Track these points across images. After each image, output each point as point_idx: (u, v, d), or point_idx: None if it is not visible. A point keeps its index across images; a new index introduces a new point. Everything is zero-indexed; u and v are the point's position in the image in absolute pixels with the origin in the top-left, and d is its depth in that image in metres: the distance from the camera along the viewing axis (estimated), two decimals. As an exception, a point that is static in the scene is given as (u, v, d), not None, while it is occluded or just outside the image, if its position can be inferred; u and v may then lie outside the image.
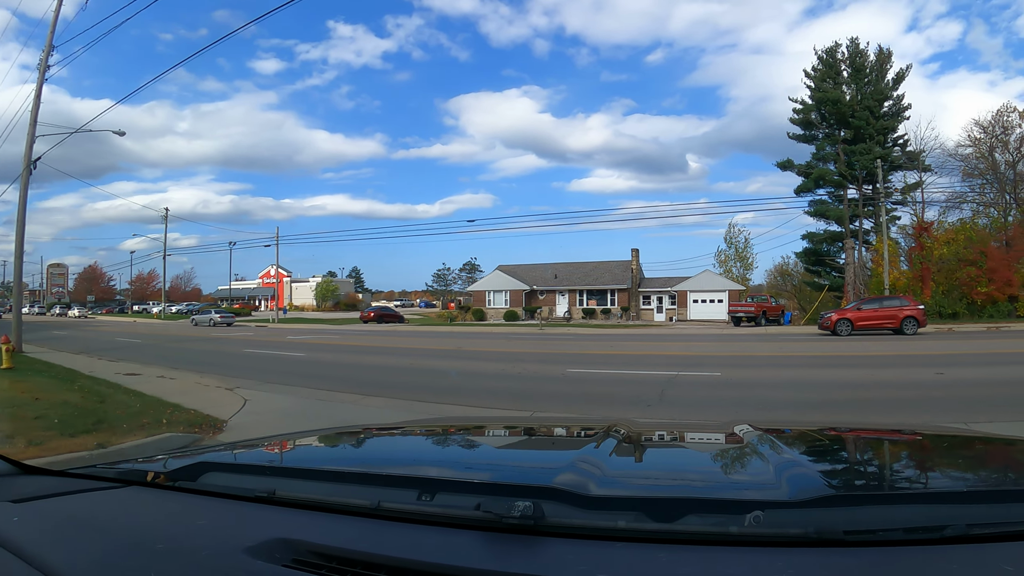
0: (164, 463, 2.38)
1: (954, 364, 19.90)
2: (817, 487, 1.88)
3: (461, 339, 38.23)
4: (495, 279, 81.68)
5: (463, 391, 15.94)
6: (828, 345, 29.73)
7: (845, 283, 60.51)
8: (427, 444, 3.30)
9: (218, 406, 12.58)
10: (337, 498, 1.87)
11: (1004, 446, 3.03)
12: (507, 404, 13.58)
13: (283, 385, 16.46)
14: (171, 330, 53.22)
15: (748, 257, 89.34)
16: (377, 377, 19.26)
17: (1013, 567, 1.39)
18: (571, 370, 20.11)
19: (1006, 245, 53.52)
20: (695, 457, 2.92)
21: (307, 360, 25.29)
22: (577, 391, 15.70)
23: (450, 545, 1.57)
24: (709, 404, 13.68)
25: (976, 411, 11.35)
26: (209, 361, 24.26)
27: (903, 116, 66.79)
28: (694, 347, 30.74)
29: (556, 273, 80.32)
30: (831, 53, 68.74)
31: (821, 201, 69.35)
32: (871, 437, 3.36)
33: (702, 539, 1.55)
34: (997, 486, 2.17)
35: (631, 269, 76.41)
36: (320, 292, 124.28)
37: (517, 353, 27.27)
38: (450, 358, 25.52)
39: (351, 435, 3.34)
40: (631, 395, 14.73)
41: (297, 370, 21.19)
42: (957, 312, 50.67)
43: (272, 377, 18.19)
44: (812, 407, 13.06)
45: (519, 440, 3.45)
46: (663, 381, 16.60)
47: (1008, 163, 60.20)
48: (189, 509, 1.98)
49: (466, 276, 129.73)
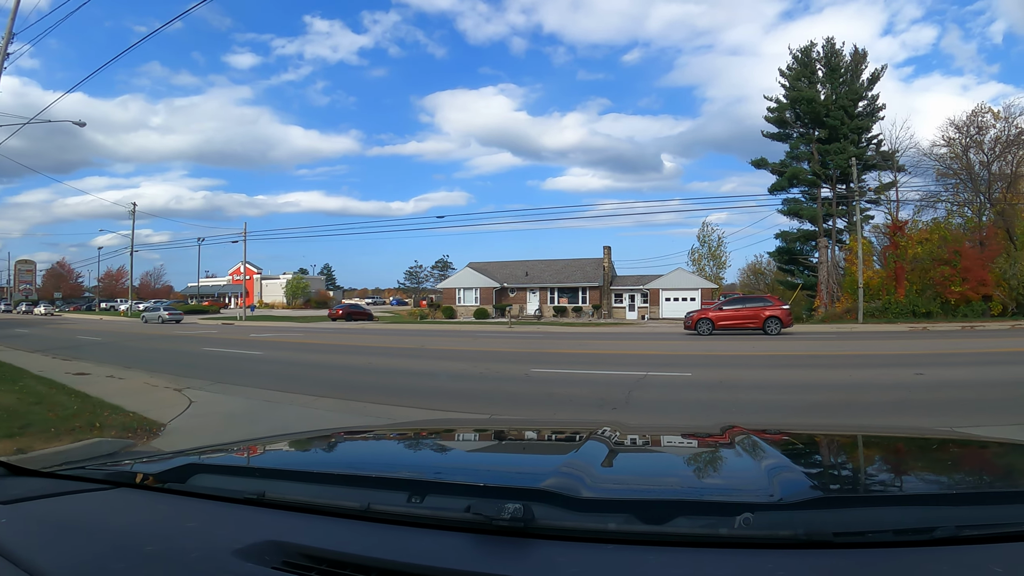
0: (153, 464, 2.37)
1: (936, 364, 19.50)
2: (806, 489, 1.94)
3: (427, 337, 37.66)
4: (465, 276, 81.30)
5: (417, 392, 15.31)
6: (801, 344, 29.34)
7: (818, 282, 60.89)
8: (417, 446, 3.26)
9: (161, 408, 12.13)
10: (327, 500, 1.87)
11: (993, 448, 3.04)
12: (461, 407, 13.13)
13: (234, 385, 15.95)
14: (135, 328, 51.98)
15: (721, 256, 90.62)
16: (332, 377, 18.64)
17: (1003, 568, 1.40)
18: (535, 370, 19.53)
19: (980, 245, 53.87)
20: (684, 459, 2.90)
21: (264, 359, 24.72)
22: (539, 392, 15.14)
23: (440, 547, 1.57)
24: (679, 407, 13.26)
25: (955, 413, 11.30)
26: (164, 360, 23.61)
27: (877, 116, 67.26)
28: (665, 346, 30.21)
29: (527, 271, 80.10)
30: (806, 52, 68.83)
31: (795, 200, 69.47)
32: (860, 439, 3.39)
33: (692, 541, 1.56)
34: (987, 488, 2.22)
35: (603, 267, 76.43)
36: (290, 289, 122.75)
37: (482, 352, 26.78)
38: (411, 357, 24.92)
39: (341, 437, 3.32)
40: (596, 397, 14.13)
41: (252, 369, 20.76)
42: (931, 311, 50.94)
43: (225, 377, 17.69)
44: (791, 411, 12.56)
45: (509, 443, 3.41)
46: (631, 382, 16.05)
47: (983, 163, 60.49)
48: (178, 511, 1.96)
49: (438, 274, 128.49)
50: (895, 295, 52.69)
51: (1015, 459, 2.78)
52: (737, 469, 2.50)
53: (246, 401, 13.69)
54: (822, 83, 67.76)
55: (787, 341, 31.72)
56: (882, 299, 52.96)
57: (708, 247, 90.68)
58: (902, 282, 53.04)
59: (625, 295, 76.46)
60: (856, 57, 67.45)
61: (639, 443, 3.14)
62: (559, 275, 78.54)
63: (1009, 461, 2.76)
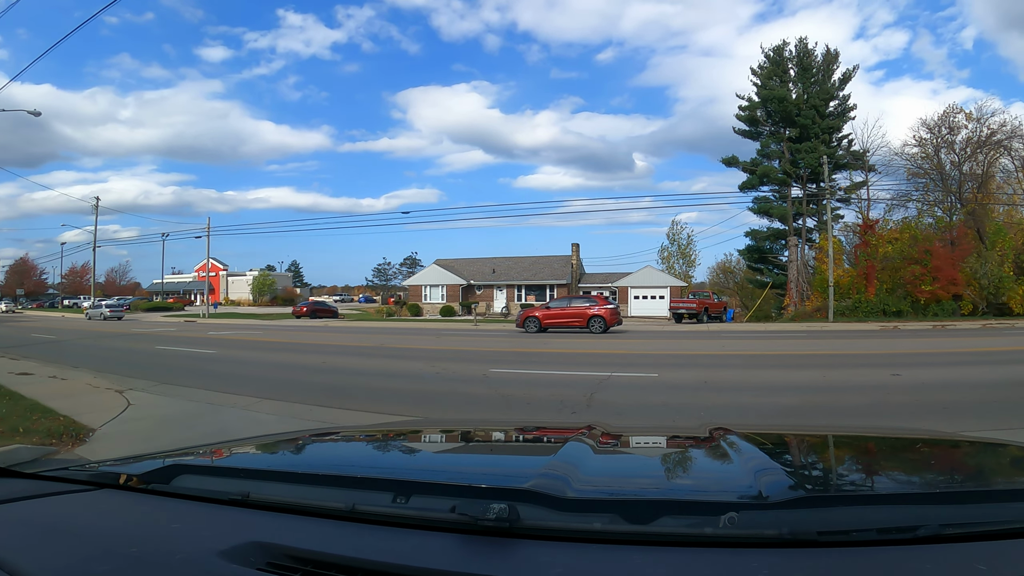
0: (137, 465, 2.31)
1: (912, 365, 19.17)
2: (791, 489, 1.95)
3: (388, 336, 36.94)
4: (432, 273, 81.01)
5: (368, 394, 14.64)
6: (776, 344, 29.09)
7: (788, 280, 61.43)
8: (402, 447, 3.23)
9: (96, 411, 11.48)
10: (311, 500, 1.86)
11: (975, 448, 3.04)
12: (411, 411, 12.50)
13: (180, 386, 15.20)
14: (93, 326, 50.96)
15: (691, 254, 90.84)
16: (283, 377, 17.82)
17: (987, 566, 1.42)
18: (495, 370, 18.71)
19: (951, 244, 54.44)
20: (669, 459, 2.86)
21: (216, 358, 23.73)
22: (495, 395, 14.29)
23: (425, 547, 1.58)
24: (643, 411, 12.46)
25: (937, 416, 11.02)
26: (114, 359, 22.90)
27: (848, 116, 68.10)
28: (631, 345, 29.53)
29: (495, 268, 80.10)
30: (779, 52, 69.27)
31: (765, 199, 69.94)
32: (844, 439, 3.43)
33: (677, 540, 1.57)
34: (970, 487, 2.26)
35: (571, 264, 76.43)
36: (256, 286, 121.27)
37: (442, 351, 26.22)
38: (368, 356, 24.19)
39: (326, 437, 3.35)
40: (556, 399, 13.49)
41: (202, 369, 19.94)
42: (901, 310, 51.47)
43: (173, 377, 16.91)
44: (762, 416, 11.73)
45: (494, 443, 3.45)
46: (594, 383, 15.36)
47: (954, 163, 61.43)
48: (163, 512, 1.93)
49: (407, 271, 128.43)
50: (865, 294, 53.19)
51: (997, 459, 2.79)
52: (722, 469, 2.51)
53: (187, 404, 13.05)
54: (794, 82, 68.26)
55: (759, 340, 31.52)
56: (852, 298, 53.46)
57: (678, 245, 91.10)
58: (873, 281, 53.54)
59: (594, 293, 75.29)
60: (828, 57, 68.05)
61: (624, 443, 3.13)
62: (526, 272, 78.53)
63: (992, 461, 2.78)
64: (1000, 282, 52.13)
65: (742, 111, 70.24)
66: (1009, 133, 59.37)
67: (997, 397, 12.79)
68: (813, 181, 64.70)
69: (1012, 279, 52.40)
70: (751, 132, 70.80)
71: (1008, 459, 2.77)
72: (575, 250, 77.21)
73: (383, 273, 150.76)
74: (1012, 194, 61.18)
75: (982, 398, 12.78)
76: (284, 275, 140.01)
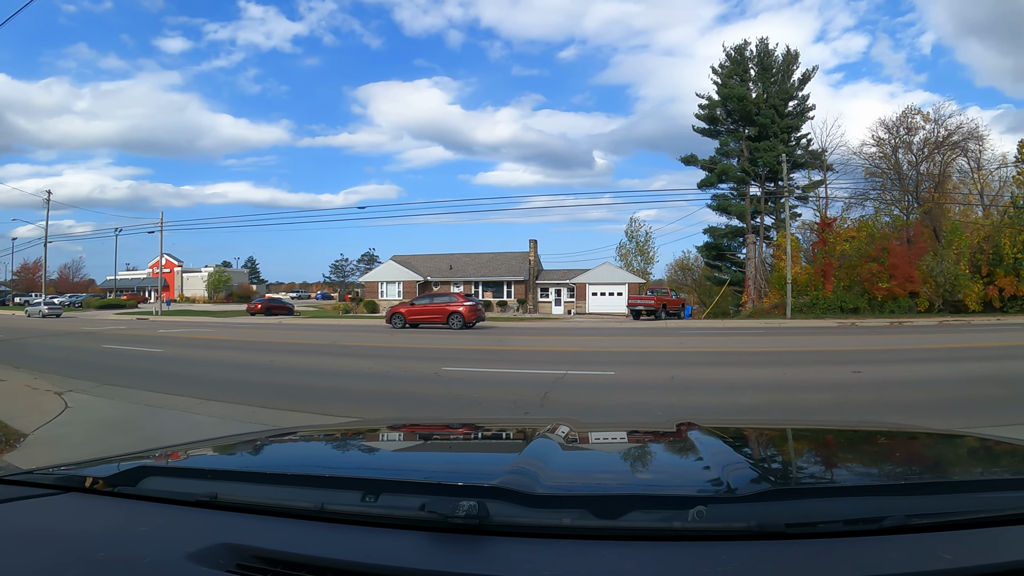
0: (104, 468, 2.23)
1: (872, 362, 19.09)
2: (759, 482, 1.97)
3: (342, 333, 36.57)
4: (388, 270, 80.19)
5: (315, 394, 14.09)
6: (734, 341, 29.00)
7: (746, 277, 62.19)
8: (371, 445, 3.18)
9: (32, 415, 11.08)
10: (280, 501, 1.84)
11: (940, 440, 3.12)
12: (357, 411, 12.11)
13: (123, 387, 14.64)
14: (42, 324, 49.47)
15: (649, 251, 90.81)
16: (230, 377, 17.19)
17: (952, 555, 1.45)
18: (447, 368, 18.29)
19: (908, 243, 55.66)
20: (639, 454, 2.84)
21: (164, 357, 22.89)
22: (445, 394, 13.88)
23: (396, 546, 1.57)
24: (598, 411, 12.10)
25: (902, 415, 10.54)
26: (58, 359, 22.15)
27: (807, 116, 68.94)
28: (589, 342, 29.45)
29: (452, 264, 79.55)
30: (740, 51, 69.76)
31: (724, 196, 70.41)
32: (810, 433, 3.50)
33: (647, 535, 1.58)
34: (934, 478, 2.33)
35: (529, 260, 75.85)
36: (212, 283, 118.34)
37: (395, 348, 25.75)
38: (319, 354, 23.74)
39: (294, 437, 3.28)
40: (508, 399, 13.14)
41: (147, 369, 19.18)
42: (859, 307, 52.47)
43: (117, 377, 16.32)
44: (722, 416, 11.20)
45: (462, 440, 3.40)
46: (549, 382, 15.06)
47: (911, 163, 62.76)
48: (130, 515, 1.90)
49: (364, 267, 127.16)
50: (823, 291, 54.02)
51: (961, 450, 2.87)
52: (691, 463, 2.53)
53: (128, 406, 12.59)
54: (754, 82, 68.91)
55: (717, 337, 31.34)
56: (810, 295, 54.38)
57: (636, 243, 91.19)
58: (830, 278, 54.31)
59: (551, 289, 76.18)
60: (788, 58, 68.79)
61: (592, 439, 3.15)
62: (484, 269, 78.16)
63: (955, 452, 2.85)
64: (956, 280, 53.26)
65: (702, 109, 70.61)
66: (966, 135, 60.84)
67: (959, 394, 12.86)
68: (771, 180, 65.21)
69: (968, 277, 53.60)
70: (710, 131, 71.21)
71: (966, 450, 2.88)
72: (533, 246, 76.56)
73: (341, 270, 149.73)
74: (968, 194, 62.77)
75: (944, 395, 12.84)
76: (240, 271, 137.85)
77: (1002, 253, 53.41)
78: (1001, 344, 24.91)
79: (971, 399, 12.33)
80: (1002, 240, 54.13)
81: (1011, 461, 2.70)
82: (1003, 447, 2.84)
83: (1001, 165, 62.20)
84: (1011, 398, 12.34)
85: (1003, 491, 1.94)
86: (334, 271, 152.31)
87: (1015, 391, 13.04)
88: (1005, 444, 2.85)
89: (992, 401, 12.10)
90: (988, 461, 2.75)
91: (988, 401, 12.13)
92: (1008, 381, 14.30)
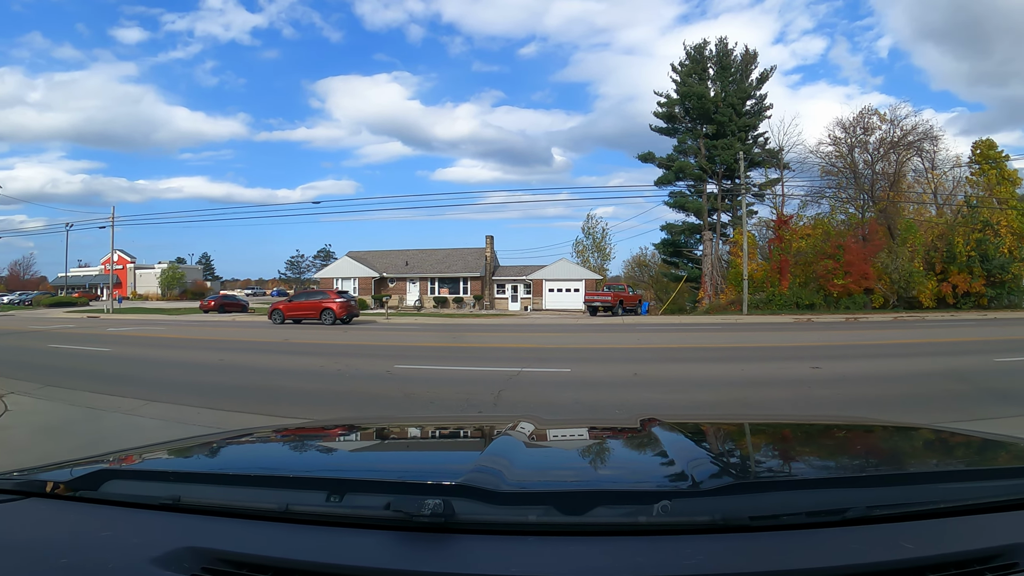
0: (65, 472, 2.18)
1: (830, 358, 19.09)
2: (722, 476, 2.01)
3: (295, 330, 36.03)
4: (343, 266, 79.45)
5: (263, 394, 13.67)
6: (691, 336, 29.02)
7: (702, 274, 62.76)
8: (334, 445, 3.10)
9: None
10: (244, 502, 1.81)
11: (901, 432, 3.21)
12: (306, 412, 11.60)
13: (66, 389, 14.09)
14: (-14, 323, 48.73)
15: (606, 248, 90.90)
16: (178, 377, 16.48)
17: (914, 544, 1.49)
18: (400, 366, 17.91)
19: (863, 240, 56.58)
20: (603, 451, 2.86)
21: (111, 356, 22.13)
22: (398, 393, 13.60)
23: (361, 546, 1.57)
24: (553, 410, 11.75)
25: (862, 412, 10.12)
26: (1, 360, 21.28)
27: (765, 115, 69.81)
28: (545, 339, 29.43)
29: (408, 260, 78.96)
30: (699, 50, 70.30)
31: (681, 194, 71.12)
32: (772, 427, 3.54)
33: (612, 530, 1.58)
34: (895, 470, 2.37)
35: (485, 257, 75.76)
36: (165, 280, 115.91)
37: (348, 346, 25.33)
38: (271, 353, 23.27)
39: (258, 437, 3.21)
40: (461, 398, 12.96)
41: (93, 369, 18.47)
42: (814, 303, 53.31)
43: (61, 378, 15.74)
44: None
45: (425, 439, 3.37)
46: (502, 379, 14.81)
47: (867, 163, 63.47)
48: (92, 520, 1.85)
49: (320, 263, 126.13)
50: (779, 287, 54.76)
51: (921, 443, 2.96)
52: (655, 458, 2.52)
53: (71, 408, 12.10)
54: (713, 81, 69.59)
55: (674, 333, 31.33)
56: (766, 291, 55.18)
57: (593, 239, 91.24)
58: (786, 275, 55.17)
59: (508, 286, 76.38)
60: (746, 57, 69.68)
61: (556, 436, 3.15)
62: (440, 265, 77.76)
63: (916, 445, 2.93)
64: (910, 277, 54.32)
65: (660, 107, 70.89)
66: (921, 135, 61.85)
67: (917, 390, 12.91)
68: (728, 177, 66.12)
69: (922, 274, 54.70)
70: (668, 129, 71.66)
71: (924, 442, 2.97)
72: (489, 242, 76.50)
73: (296, 266, 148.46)
74: (922, 193, 64.05)
75: (902, 391, 12.83)
76: (194, 268, 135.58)
77: (956, 251, 54.49)
78: (956, 340, 25.14)
79: (928, 394, 12.42)
80: (956, 238, 55.24)
81: (967, 452, 2.76)
82: (959, 439, 2.94)
83: (955, 165, 63.66)
84: (967, 393, 12.39)
85: (961, 482, 1.98)
86: (290, 267, 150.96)
87: (971, 386, 13.07)
88: (960, 436, 2.97)
89: (949, 395, 12.21)
90: (946, 453, 2.80)
91: (945, 395, 12.23)
92: (964, 376, 14.31)
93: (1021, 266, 56.77)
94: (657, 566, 1.43)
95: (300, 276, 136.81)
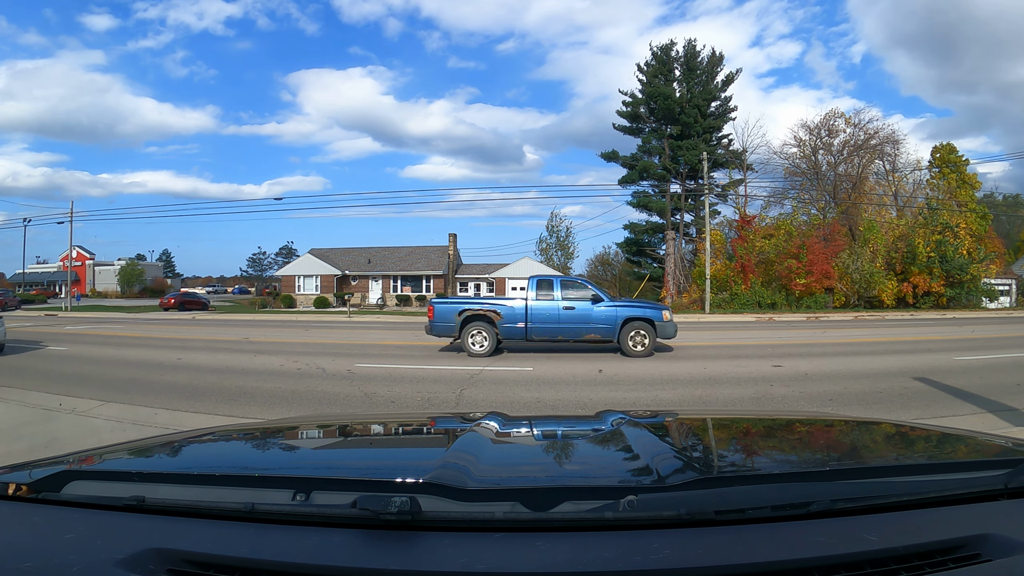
0: (24, 474, 2.14)
1: (792, 356, 19.25)
2: (688, 471, 2.00)
3: (256, 328, 35.64)
4: (305, 263, 78.85)
5: (220, 394, 13.49)
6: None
7: (665, 273, 63.33)
8: (299, 444, 3.13)
9: None
10: (210, 502, 1.81)
11: (864, 427, 3.28)
12: (264, 413, 11.57)
13: (20, 390, 13.82)
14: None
15: (570, 246, 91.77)
16: (134, 376, 16.03)
17: (877, 536, 1.52)
18: (361, 365, 17.75)
19: (825, 240, 57.29)
20: (570, 446, 2.89)
21: (67, 356, 21.52)
22: (357, 393, 13.39)
23: (328, 545, 1.56)
24: (515, 409, 11.56)
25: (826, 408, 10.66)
26: (-48, 362, 20.53)
27: (729, 117, 71.03)
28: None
29: (370, 258, 78.77)
30: (666, 51, 70.78)
31: (644, 193, 71.99)
32: (736, 422, 3.62)
33: (579, 525, 1.60)
34: (858, 464, 2.46)
35: (448, 255, 75.65)
36: (124, 277, 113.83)
37: (308, 344, 25.14)
38: (229, 351, 22.74)
39: (222, 436, 3.17)
40: (422, 397, 12.84)
41: (47, 369, 17.89)
42: (776, 302, 54.13)
43: (13, 379, 15.40)
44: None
45: (393, 436, 3.41)
46: (464, 378, 14.81)
47: (830, 164, 65.25)
48: (55, 522, 1.82)
49: (282, 261, 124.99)
50: (742, 286, 55.39)
51: (883, 437, 3.01)
52: (620, 454, 2.55)
53: (22, 410, 11.82)
54: (679, 82, 70.19)
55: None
56: (729, 290, 55.66)
57: (557, 237, 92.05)
58: (749, 274, 55.74)
59: (471, 284, 76.69)
60: (713, 60, 70.50)
61: (522, 432, 3.14)
62: (403, 263, 77.64)
63: (878, 439, 2.98)
64: (871, 277, 55.57)
65: (625, 107, 71.39)
66: (884, 139, 63.87)
67: (878, 387, 13.10)
68: (692, 177, 66.67)
69: (883, 274, 56.03)
70: (632, 128, 72.08)
71: (885, 436, 3.03)
72: (452, 240, 76.60)
73: (258, 263, 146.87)
74: (883, 195, 65.71)
75: (864, 388, 13.02)
76: (155, 265, 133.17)
77: (916, 252, 55.72)
78: (916, 338, 25.54)
79: (890, 391, 12.57)
80: (916, 239, 56.51)
81: (927, 447, 2.82)
82: (919, 433, 3.05)
83: (915, 168, 65.84)
84: (926, 391, 12.61)
85: (922, 475, 2.05)
86: (252, 265, 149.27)
87: (931, 384, 13.26)
88: (921, 430, 3.09)
89: (910, 393, 12.40)
90: (907, 447, 2.86)
91: (906, 393, 12.40)
92: (924, 373, 14.55)
93: (979, 267, 58.34)
94: (624, 560, 1.44)
95: (262, 274, 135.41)
